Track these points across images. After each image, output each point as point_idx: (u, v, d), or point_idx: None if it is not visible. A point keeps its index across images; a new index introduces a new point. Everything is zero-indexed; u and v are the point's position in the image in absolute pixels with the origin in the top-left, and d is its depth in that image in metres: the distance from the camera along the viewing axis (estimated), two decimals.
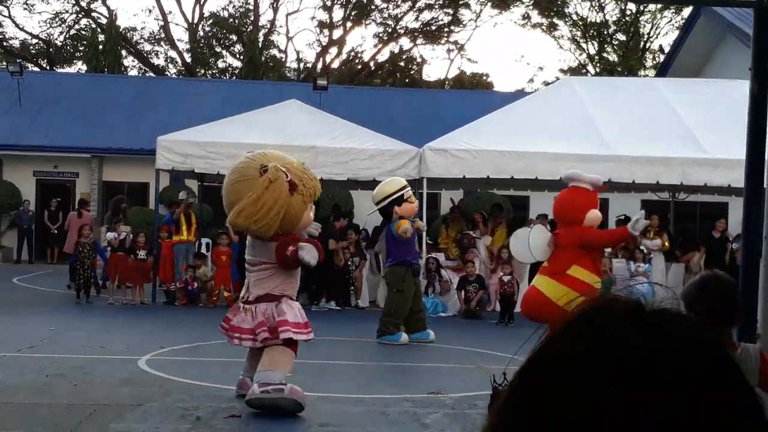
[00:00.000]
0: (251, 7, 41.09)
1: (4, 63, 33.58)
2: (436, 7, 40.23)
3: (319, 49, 41.83)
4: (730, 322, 3.17)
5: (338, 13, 40.98)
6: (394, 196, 9.69)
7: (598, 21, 39.73)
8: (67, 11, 40.27)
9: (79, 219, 16.44)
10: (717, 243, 15.20)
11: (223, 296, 13.34)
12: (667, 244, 14.89)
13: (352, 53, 42.56)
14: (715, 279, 3.24)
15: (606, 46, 40.57)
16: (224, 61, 42.68)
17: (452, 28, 41.22)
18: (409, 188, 10.12)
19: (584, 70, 39.41)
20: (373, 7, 40.35)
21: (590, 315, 0.71)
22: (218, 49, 42.14)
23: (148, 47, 42.08)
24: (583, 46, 41.09)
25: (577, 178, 8.03)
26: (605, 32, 40.08)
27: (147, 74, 39.53)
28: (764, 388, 3.22)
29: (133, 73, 39.44)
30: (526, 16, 40.32)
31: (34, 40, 40.93)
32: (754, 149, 4.04)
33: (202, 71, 40.86)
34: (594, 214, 7.75)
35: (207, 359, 8.71)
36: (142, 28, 42.14)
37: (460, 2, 39.82)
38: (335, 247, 13.67)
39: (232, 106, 21.10)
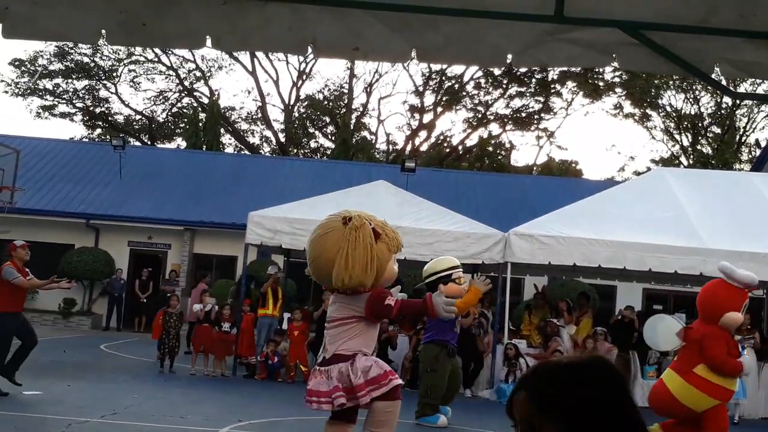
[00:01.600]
0: (345, 91, 42.29)
1: (108, 137, 35.32)
2: (527, 95, 40.57)
3: (408, 132, 42.60)
4: None
5: (429, 98, 41.78)
6: (443, 274, 9.32)
7: (692, 113, 39.28)
8: (171, 90, 42.31)
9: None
10: None
11: (300, 372, 13.37)
12: (758, 340, 14.32)
13: (441, 137, 43.13)
14: None
15: (700, 138, 39.98)
16: (316, 142, 43.85)
17: (542, 115, 41.41)
18: (460, 270, 9.74)
19: (677, 162, 38.83)
20: (464, 93, 40.97)
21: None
22: (311, 130, 43.36)
23: (245, 126, 43.67)
24: (677, 137, 40.59)
25: (728, 272, 7.35)
26: (699, 124, 39.54)
27: (242, 152, 40.89)
28: None
29: (229, 150, 40.86)
30: (618, 106, 40.24)
31: (138, 116, 43.01)
32: None
33: (295, 151, 42.00)
34: (731, 317, 7.16)
35: None
36: (240, 108, 43.82)
37: (552, 91, 40.06)
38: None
39: (322, 185, 21.56)
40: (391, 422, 5.75)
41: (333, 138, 41.68)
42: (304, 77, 42.50)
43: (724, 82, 3.86)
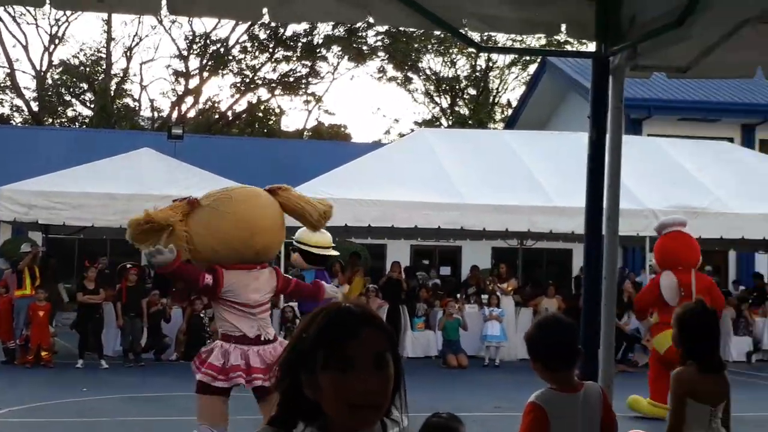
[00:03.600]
0: (103, 56, 40.03)
1: None
2: (294, 59, 40.55)
3: (174, 98, 41.15)
4: (570, 362, 3.24)
5: (194, 63, 40.56)
6: (306, 248, 8.54)
7: (450, 76, 41.23)
8: None
9: None
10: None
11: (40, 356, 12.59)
12: (512, 287, 15.55)
13: (209, 103, 42.12)
14: (553, 321, 3.33)
15: (458, 100, 42.10)
16: (74, 110, 41.24)
17: (310, 79, 41.63)
18: (329, 250, 9.30)
19: (437, 123, 40.67)
20: (230, 57, 40.18)
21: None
22: (68, 98, 40.67)
23: None
24: (437, 99, 42.48)
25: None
26: (457, 87, 41.61)
27: None
28: (605, 430, 3.29)
29: None
30: (382, 70, 41.34)
31: None
32: (593, 195, 4.22)
33: (50, 120, 39.26)
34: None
35: (48, 419, 8.19)
36: None
37: (317, 55, 40.32)
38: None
39: (81, 156, 20.29)
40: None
41: (92, 106, 39.41)
42: (57, 41, 39.66)
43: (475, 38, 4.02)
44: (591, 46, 4.06)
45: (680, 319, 3.94)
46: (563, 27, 3.79)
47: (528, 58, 37.24)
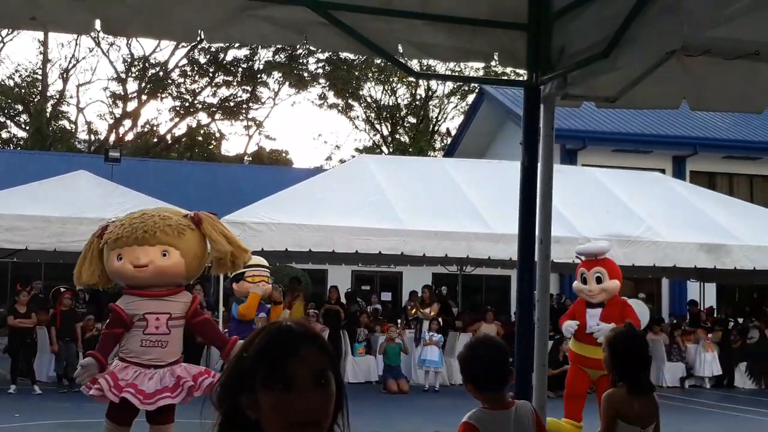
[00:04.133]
0: (39, 77, 39.32)
1: None
2: (234, 84, 40.42)
3: (112, 120, 40.59)
4: (502, 382, 3.31)
5: (133, 86, 40.13)
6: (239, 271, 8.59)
7: (390, 104, 41.60)
8: None
9: None
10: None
11: None
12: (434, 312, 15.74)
13: (147, 126, 41.65)
14: (484, 342, 3.39)
15: (398, 127, 42.46)
16: (9, 132, 40.34)
17: (251, 104, 41.51)
18: (260, 269, 9.44)
19: (378, 150, 40.90)
20: (169, 81, 39.86)
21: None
22: (1, 119, 39.78)
23: None
24: (377, 127, 42.75)
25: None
26: (397, 115, 41.98)
27: None
28: None
29: None
30: (323, 97, 41.49)
31: None
32: (525, 219, 4.31)
33: None
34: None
35: None
36: None
37: (258, 80, 40.27)
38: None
39: (15, 178, 19.86)
40: None
41: (27, 128, 38.59)
42: None
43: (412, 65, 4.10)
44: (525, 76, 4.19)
45: (610, 342, 4.04)
46: (496, 56, 3.90)
47: (467, 87, 37.79)
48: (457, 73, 7.74)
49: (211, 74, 39.98)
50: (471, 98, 33.38)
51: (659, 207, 15.55)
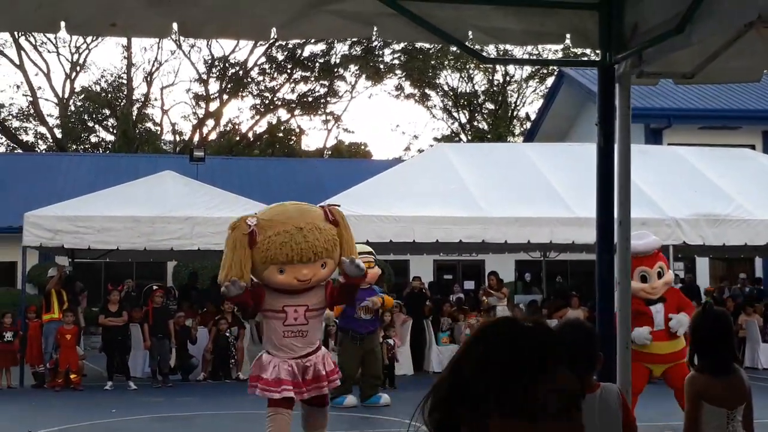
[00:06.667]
0: (124, 81, 40.57)
1: None
2: (312, 79, 40.86)
3: (195, 121, 41.60)
4: (590, 366, 3.29)
5: (214, 86, 41.02)
6: None
7: (467, 91, 41.33)
8: None
9: None
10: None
11: (70, 379, 12.72)
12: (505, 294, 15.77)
13: (230, 125, 42.52)
14: (570, 326, 3.38)
15: (476, 114, 42.17)
16: (97, 136, 41.78)
17: (328, 99, 41.91)
18: (369, 256, 9.63)
19: (457, 138, 40.73)
20: (249, 79, 40.58)
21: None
22: (90, 124, 41.22)
23: (16, 124, 40.75)
24: (455, 115, 42.57)
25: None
26: (475, 101, 41.69)
27: (16, 151, 38.17)
28: (626, 429, 3.35)
29: (0, 150, 38.04)
30: (399, 87, 41.53)
31: None
32: (603, 201, 4.27)
33: (74, 146, 39.79)
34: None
35: None
36: (10, 105, 40.56)
37: (335, 74, 40.60)
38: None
39: (105, 180, 20.59)
40: None
41: (114, 131, 39.90)
42: (78, 68, 40.31)
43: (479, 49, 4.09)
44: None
45: (692, 324, 3.98)
46: (568, 37, 3.86)
47: (545, 71, 37.28)
48: (536, 57, 7.64)
49: (289, 71, 40.52)
50: (550, 81, 32.90)
51: (750, 184, 15.04)
